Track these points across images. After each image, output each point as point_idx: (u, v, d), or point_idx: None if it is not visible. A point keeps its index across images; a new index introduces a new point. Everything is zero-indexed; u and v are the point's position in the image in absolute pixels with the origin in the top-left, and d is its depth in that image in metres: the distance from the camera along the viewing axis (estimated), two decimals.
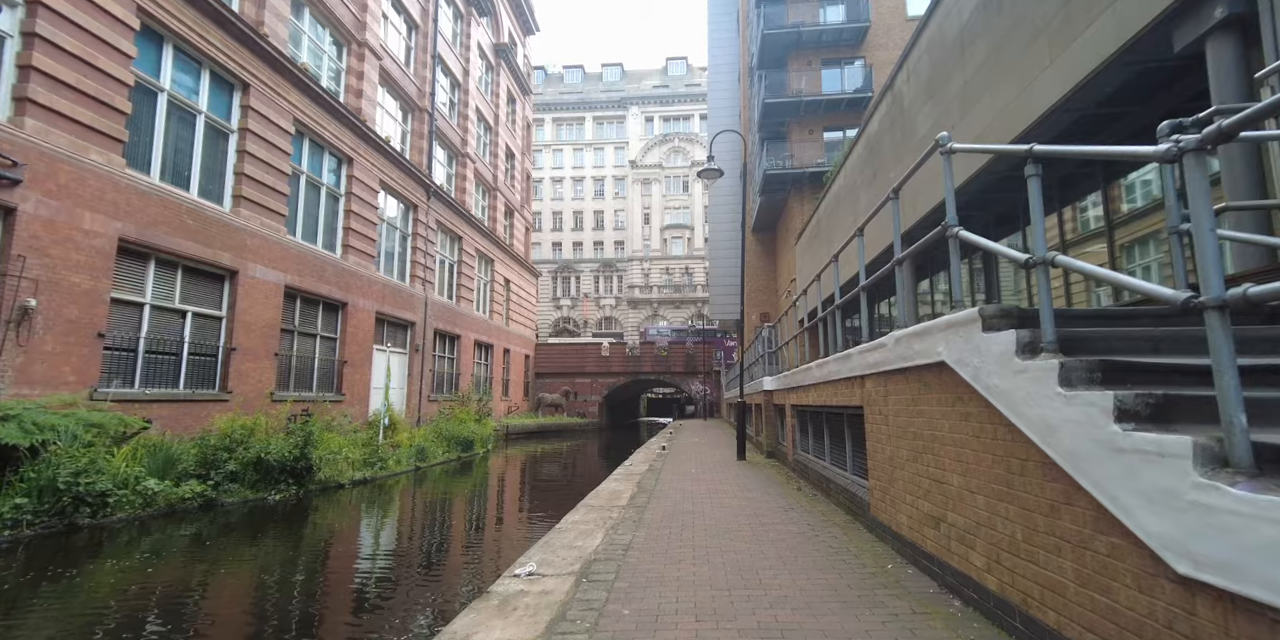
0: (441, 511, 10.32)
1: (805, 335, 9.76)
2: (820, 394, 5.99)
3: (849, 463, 5.38)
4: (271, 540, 7.92)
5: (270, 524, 8.82)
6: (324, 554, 7.42)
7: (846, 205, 13.68)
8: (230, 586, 6.05)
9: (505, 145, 31.61)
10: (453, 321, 23.80)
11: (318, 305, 15.54)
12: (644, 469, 9.30)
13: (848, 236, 7.61)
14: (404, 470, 14.33)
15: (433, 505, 10.74)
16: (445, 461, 16.66)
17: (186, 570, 6.39)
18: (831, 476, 5.86)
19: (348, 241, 16.82)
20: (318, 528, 8.74)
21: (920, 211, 7.81)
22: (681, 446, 14.30)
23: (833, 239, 15.01)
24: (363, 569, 6.84)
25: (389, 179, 19.14)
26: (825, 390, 5.82)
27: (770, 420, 10.20)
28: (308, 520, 9.18)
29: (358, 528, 8.91)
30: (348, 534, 8.55)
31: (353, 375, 16.69)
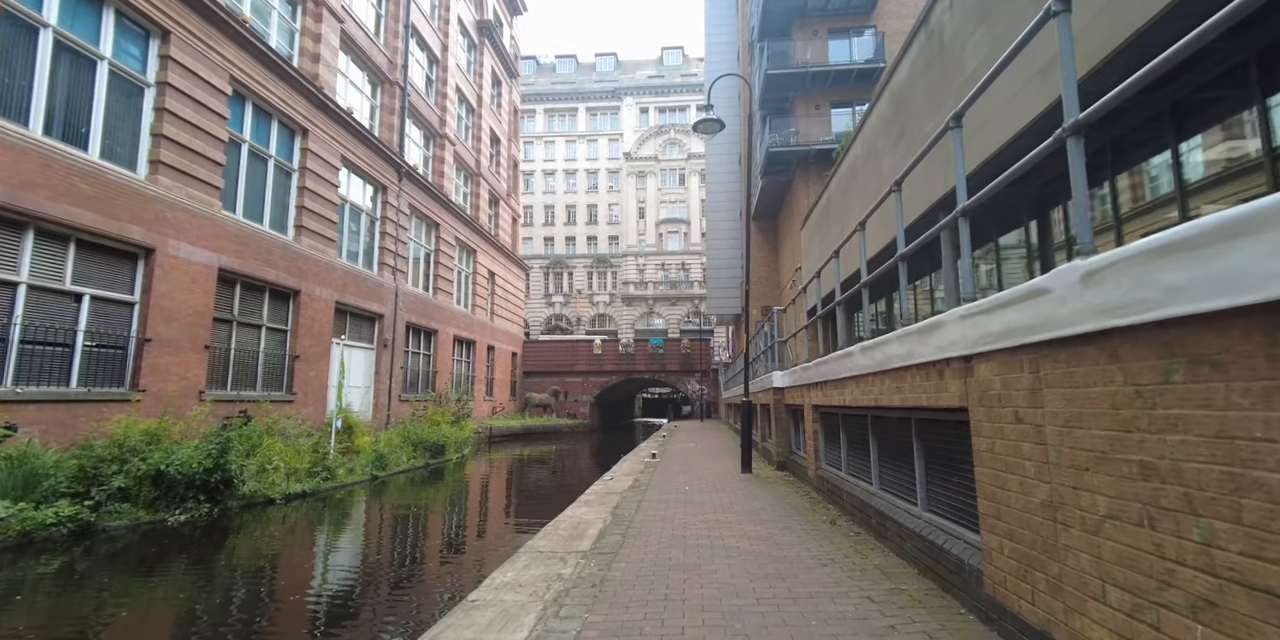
0: (372, 539, 8.47)
1: (818, 325, 7.99)
2: (865, 390, 4.24)
3: (922, 494, 3.58)
4: (138, 580, 6.09)
5: (159, 554, 7.00)
6: (190, 600, 5.60)
7: (866, 174, 11.90)
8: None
9: (490, 129, 29.78)
10: (428, 315, 21.96)
11: (263, 292, 13.69)
12: (626, 485, 7.50)
13: (868, 208, 6.24)
14: (356, 481, 12.50)
15: (366, 529, 8.88)
16: (410, 469, 14.84)
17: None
18: (885, 510, 4.07)
19: (301, 222, 14.98)
20: (209, 559, 6.91)
21: (989, 146, 6.02)
22: (675, 454, 12.49)
23: (848, 216, 13.26)
24: (232, 619, 5.02)
25: (353, 156, 17.30)
26: (874, 385, 4.07)
27: (781, 424, 8.45)
28: (206, 548, 7.35)
29: (258, 559, 7.07)
30: (240, 568, 6.72)
31: (307, 372, 14.85)
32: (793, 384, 7.60)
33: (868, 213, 6.41)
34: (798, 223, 19.53)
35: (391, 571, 6.59)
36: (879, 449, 4.49)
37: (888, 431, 4.22)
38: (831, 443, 5.81)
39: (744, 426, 8.32)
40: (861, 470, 4.83)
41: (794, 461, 7.86)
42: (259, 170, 13.90)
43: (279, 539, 7.87)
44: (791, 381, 7.70)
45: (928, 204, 8.30)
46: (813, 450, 6.26)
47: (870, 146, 11.49)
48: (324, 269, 15.68)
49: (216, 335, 12.23)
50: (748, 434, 8.22)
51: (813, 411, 6.23)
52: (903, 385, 3.47)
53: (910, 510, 3.73)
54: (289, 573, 6.69)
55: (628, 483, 7.75)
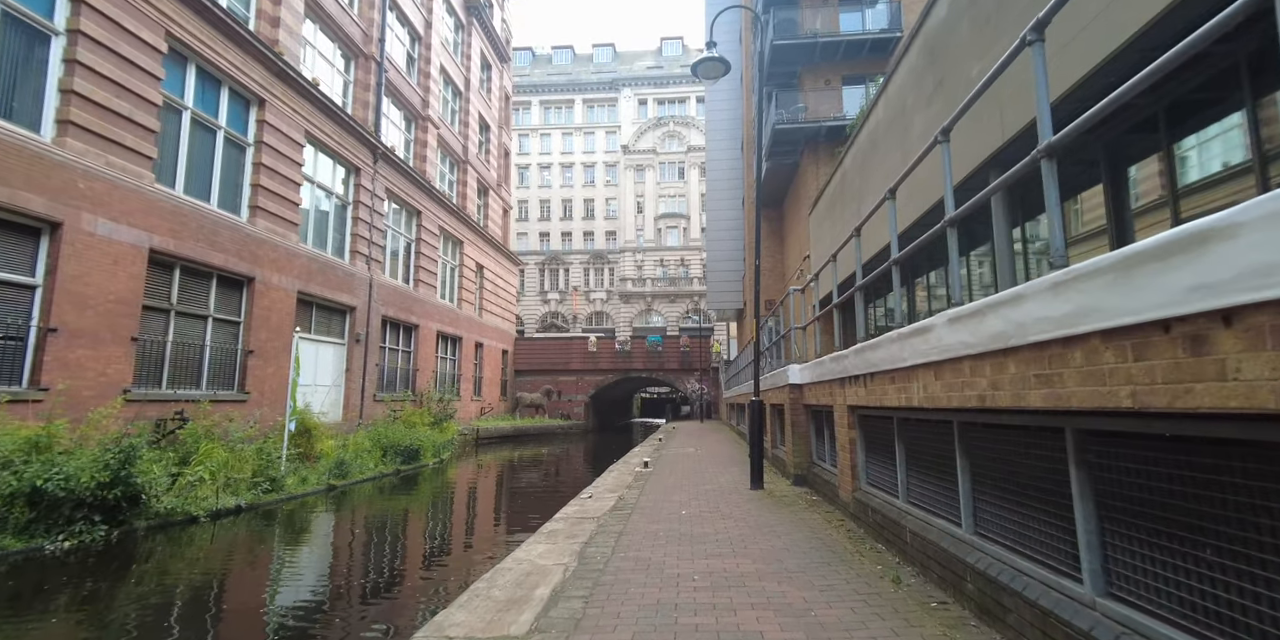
0: (282, 576, 6.87)
1: (833, 314, 6.49)
2: (956, 382, 2.70)
3: (1095, 564, 2.00)
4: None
5: (13, 596, 5.48)
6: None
7: (891, 141, 10.38)
8: None
9: (479, 115, 28.26)
10: (408, 308, 20.45)
11: (210, 279, 12.18)
12: (608, 506, 5.99)
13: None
14: (309, 491, 10.99)
15: (282, 560, 7.28)
16: (376, 477, 13.32)
17: None
18: (999, 577, 2.50)
19: (257, 202, 13.46)
20: (72, 602, 5.39)
21: (1080, 66, 4.50)
22: (671, 461, 10.97)
23: (865, 192, 11.76)
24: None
25: (320, 132, 15.78)
26: (980, 373, 2.52)
27: (800, 429, 6.93)
28: (77, 586, 5.83)
29: (137, 601, 5.55)
30: (105, 616, 5.20)
31: (263, 369, 13.34)
32: (816, 379, 6.10)
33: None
34: (805, 208, 18.04)
35: (283, 628, 5.07)
36: (974, 474, 2.96)
37: (997, 448, 2.70)
38: (880, 458, 4.30)
39: (754, 432, 6.82)
40: (940, 502, 3.28)
41: (818, 476, 6.34)
42: (205, 142, 12.38)
43: (175, 573, 6.34)
44: (814, 376, 6.20)
45: (976, 161, 6.81)
46: (848, 465, 4.76)
47: (897, 108, 9.97)
48: (284, 255, 14.17)
49: (149, 326, 10.72)
50: (758, 441, 6.71)
51: (848, 414, 4.74)
52: (1064, 369, 1.98)
53: (1068, 589, 2.19)
54: (158, 620, 5.17)
55: (610, 502, 6.24)
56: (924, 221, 8.27)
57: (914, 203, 8.34)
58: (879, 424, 4.37)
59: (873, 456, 4.56)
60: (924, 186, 7.80)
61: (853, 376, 4.61)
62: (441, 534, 8.30)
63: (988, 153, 6.75)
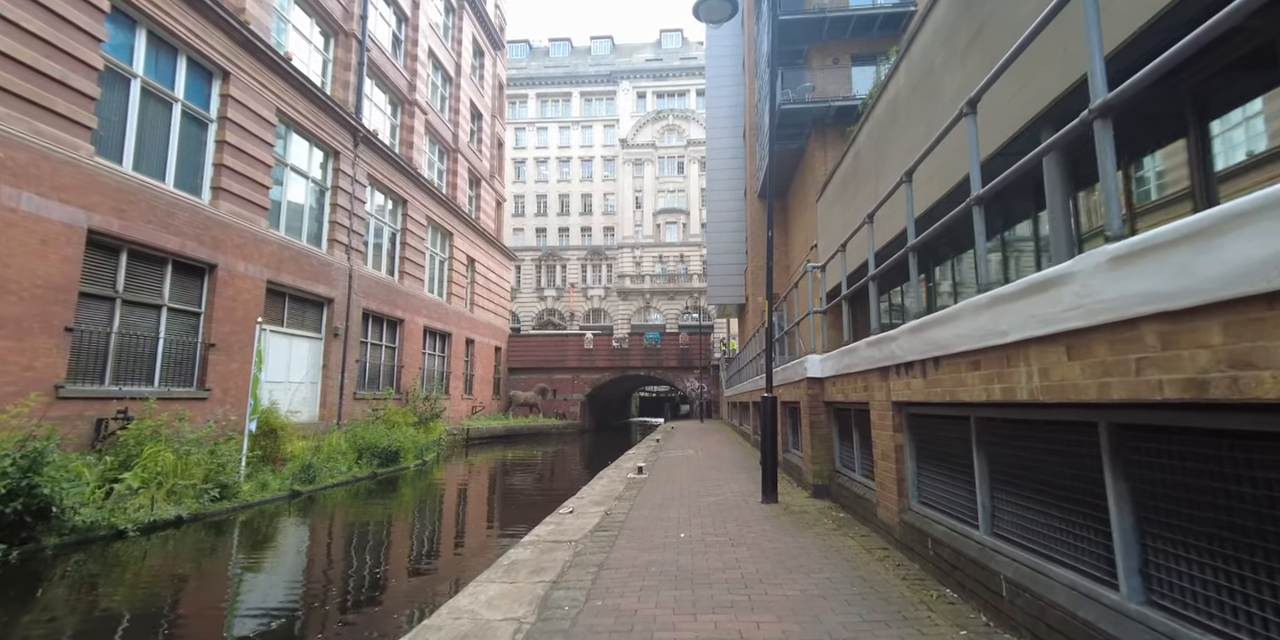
0: (203, 608, 5.82)
1: (843, 308, 5.44)
2: (1139, 358, 1.60)
3: None
4: None
5: None
6: None
7: (915, 109, 9.33)
8: None
9: (470, 102, 27.18)
10: (392, 302, 19.37)
11: (164, 265, 11.10)
12: (590, 524, 4.92)
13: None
14: (269, 498, 9.91)
15: (205, 587, 6.20)
16: (350, 481, 12.25)
17: None
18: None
19: (221, 183, 12.38)
20: None
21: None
22: (669, 466, 9.90)
23: (883, 170, 10.73)
24: None
25: (294, 112, 14.70)
26: (1221, 335, 1.42)
27: (820, 430, 5.83)
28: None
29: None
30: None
31: (226, 364, 12.27)
32: (842, 372, 5.03)
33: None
34: (812, 196, 16.97)
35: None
36: (1143, 506, 1.86)
37: (1197, 469, 1.63)
38: (942, 470, 3.22)
39: (766, 435, 5.73)
40: (1062, 543, 2.15)
41: (844, 488, 5.25)
42: (159, 115, 11.30)
43: (58, 604, 5.26)
44: (839, 368, 5.13)
45: (1019, 124, 5.74)
46: (893, 478, 3.70)
47: (921, 71, 8.90)
48: (251, 241, 13.09)
49: (89, 315, 9.65)
50: (771, 445, 5.61)
51: (894, 413, 3.68)
52: None
53: None
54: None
55: (593, 519, 5.16)
56: (954, 197, 7.23)
57: (945, 173, 7.29)
58: (943, 426, 3.31)
59: (930, 468, 3.49)
60: (953, 160, 6.75)
61: (902, 364, 3.55)
62: (401, 553, 7.22)
63: (1030, 115, 5.72)
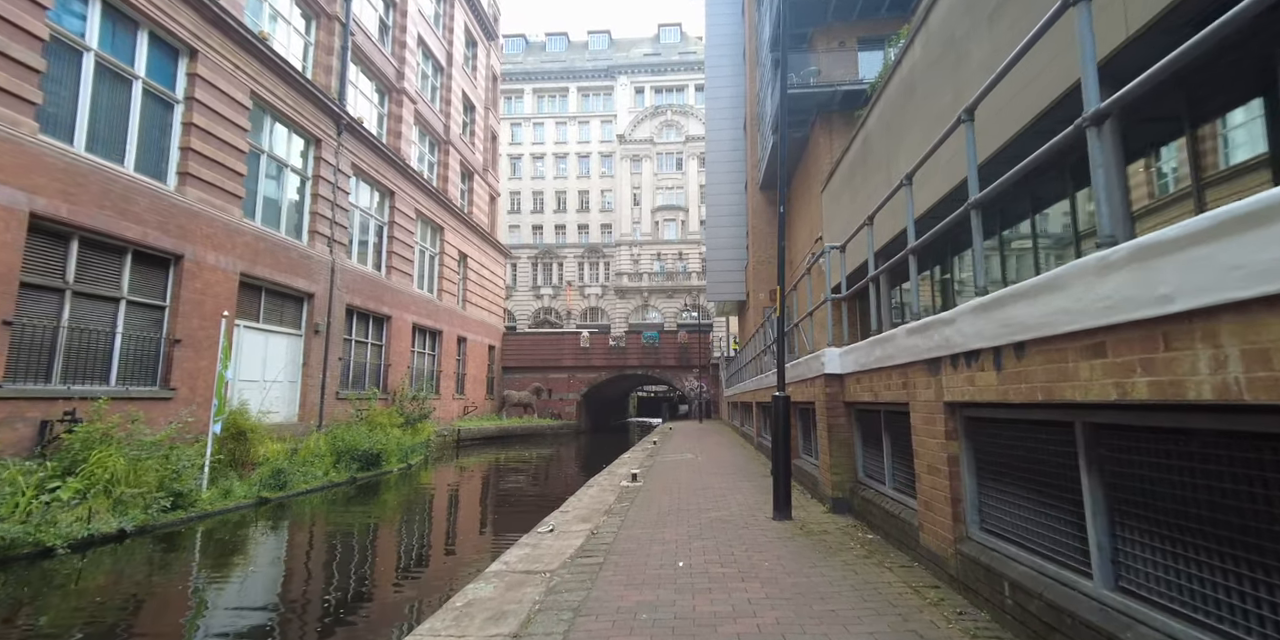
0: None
1: (875, 287, 4.68)
2: None
3: None
4: None
5: None
6: None
7: (932, 84, 8.59)
8: None
9: (462, 93, 26.37)
10: (378, 297, 18.56)
11: (122, 254, 10.31)
12: (571, 548, 4.13)
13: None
14: (233, 507, 9.11)
15: (123, 614, 5.38)
16: (326, 487, 11.45)
17: None
18: None
19: (188, 168, 11.58)
20: None
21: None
22: (666, 472, 9.11)
23: (895, 155, 10.01)
24: None
25: (271, 96, 13.90)
26: None
27: (841, 436, 5.01)
28: None
29: None
30: None
31: (194, 361, 11.47)
32: (870, 366, 4.23)
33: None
34: (817, 187, 16.20)
35: None
36: None
37: None
38: (1025, 492, 2.41)
39: (778, 442, 4.90)
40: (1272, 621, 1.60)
41: (871, 503, 4.44)
42: (118, 93, 10.50)
43: None
44: (866, 362, 4.33)
45: (1060, 90, 4.96)
46: (945, 498, 2.92)
47: (943, 41, 8.13)
48: (222, 231, 12.28)
49: (33, 308, 8.86)
50: (784, 453, 4.81)
51: (947, 417, 2.90)
52: None
53: None
54: None
55: (576, 540, 4.37)
56: (989, 172, 6.45)
57: (952, 166, 6.53)
58: (1023, 434, 2.52)
59: (998, 487, 2.70)
60: (998, 121, 5.97)
61: (962, 354, 2.77)
62: (354, 578, 6.38)
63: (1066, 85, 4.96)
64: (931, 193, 7.16)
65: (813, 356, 5.60)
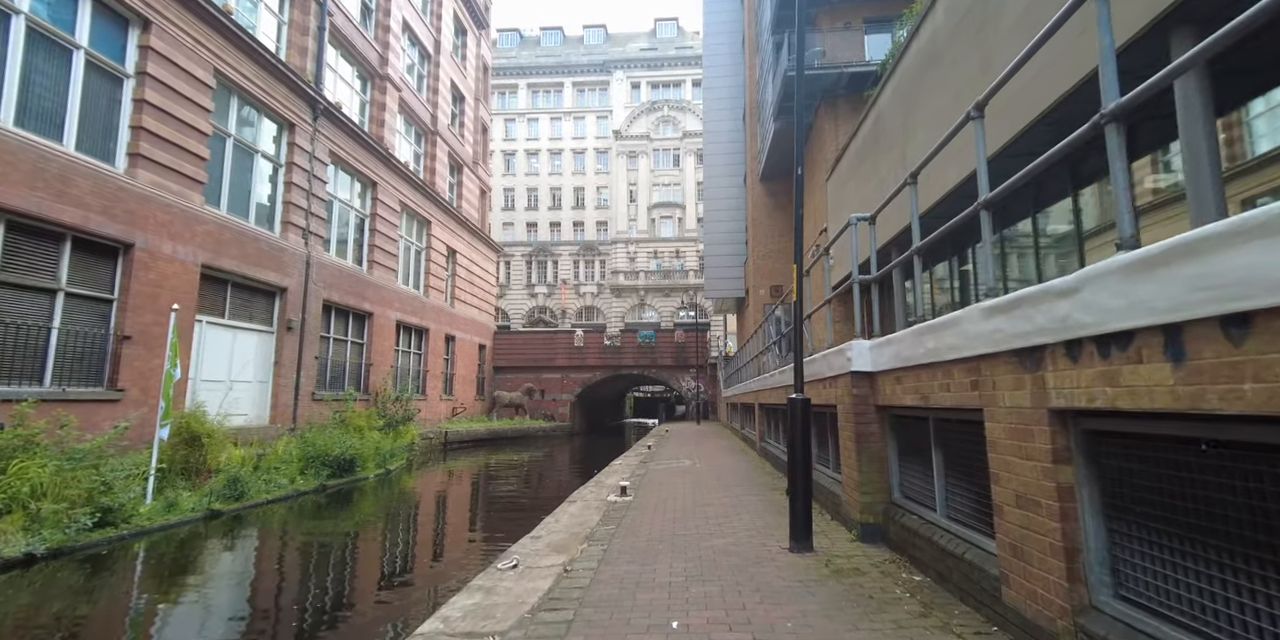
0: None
1: (918, 261, 3.77)
2: None
3: None
4: None
5: None
6: None
7: (962, 44, 7.66)
8: None
9: (451, 83, 25.41)
10: (359, 293, 17.59)
11: (60, 241, 9.35)
12: (536, 594, 3.22)
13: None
14: (177, 521, 8.14)
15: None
16: (292, 496, 10.50)
17: None
18: None
19: (139, 149, 10.61)
20: None
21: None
22: (660, 485, 8.15)
23: (913, 128, 9.12)
24: None
25: (237, 75, 12.94)
26: None
27: (872, 448, 4.04)
28: None
29: None
30: None
31: (147, 360, 10.51)
32: (919, 361, 3.27)
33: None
34: (821, 175, 15.29)
35: None
36: None
37: None
38: (1224, 557, 1.56)
39: (796, 456, 3.95)
40: None
41: (913, 533, 3.48)
42: (55, 64, 9.53)
43: None
44: (917, 355, 3.35)
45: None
46: (1053, 545, 1.99)
47: (968, 2, 7.20)
48: (181, 218, 11.32)
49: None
50: (805, 473, 3.85)
51: (1055, 430, 1.97)
52: None
53: None
54: None
55: (544, 582, 3.44)
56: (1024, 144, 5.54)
57: (1018, 112, 5.60)
58: (1216, 465, 1.60)
59: (1150, 538, 1.78)
60: (1034, 91, 5.06)
61: (1090, 339, 1.84)
62: (273, 622, 5.40)
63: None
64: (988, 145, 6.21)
65: (835, 351, 4.66)
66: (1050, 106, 4.89)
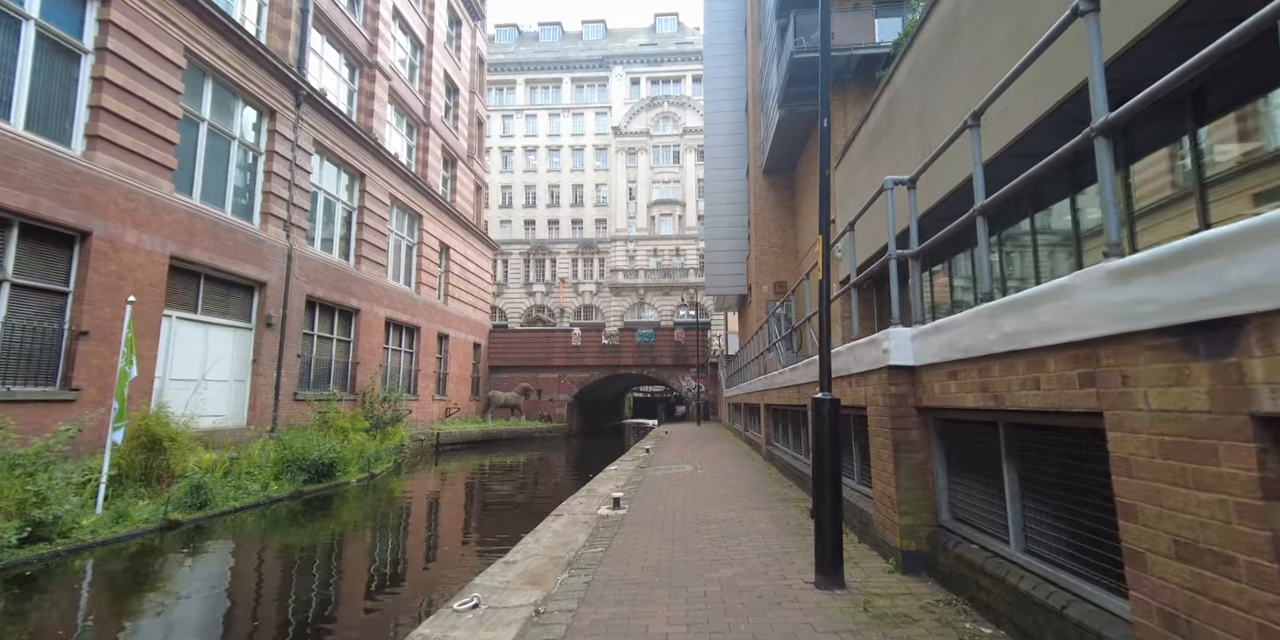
0: None
1: (983, 224, 3.01)
2: None
3: None
4: None
5: None
6: None
7: (989, 12, 6.92)
8: None
9: (444, 73, 24.66)
10: (345, 289, 16.83)
11: (4, 228, 8.61)
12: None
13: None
14: (125, 534, 7.38)
15: None
16: (263, 503, 9.74)
17: None
18: None
19: (98, 130, 9.88)
20: None
21: None
22: (658, 496, 7.39)
23: (935, 100, 8.42)
24: None
25: (211, 55, 12.20)
26: None
27: (914, 460, 3.26)
28: None
29: None
30: None
31: (107, 358, 9.77)
32: (985, 351, 2.53)
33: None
34: (830, 163, 14.51)
35: None
36: None
37: None
38: None
39: (824, 468, 3.20)
40: None
41: (970, 566, 2.73)
42: (2, 35, 8.77)
43: None
44: (983, 342, 2.59)
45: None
46: (1275, 625, 1.33)
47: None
48: (146, 205, 10.57)
49: None
50: (835, 489, 3.09)
51: (1272, 444, 1.32)
52: None
53: None
54: None
55: (506, 633, 2.69)
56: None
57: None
58: None
59: None
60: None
61: None
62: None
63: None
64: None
65: (866, 342, 3.90)
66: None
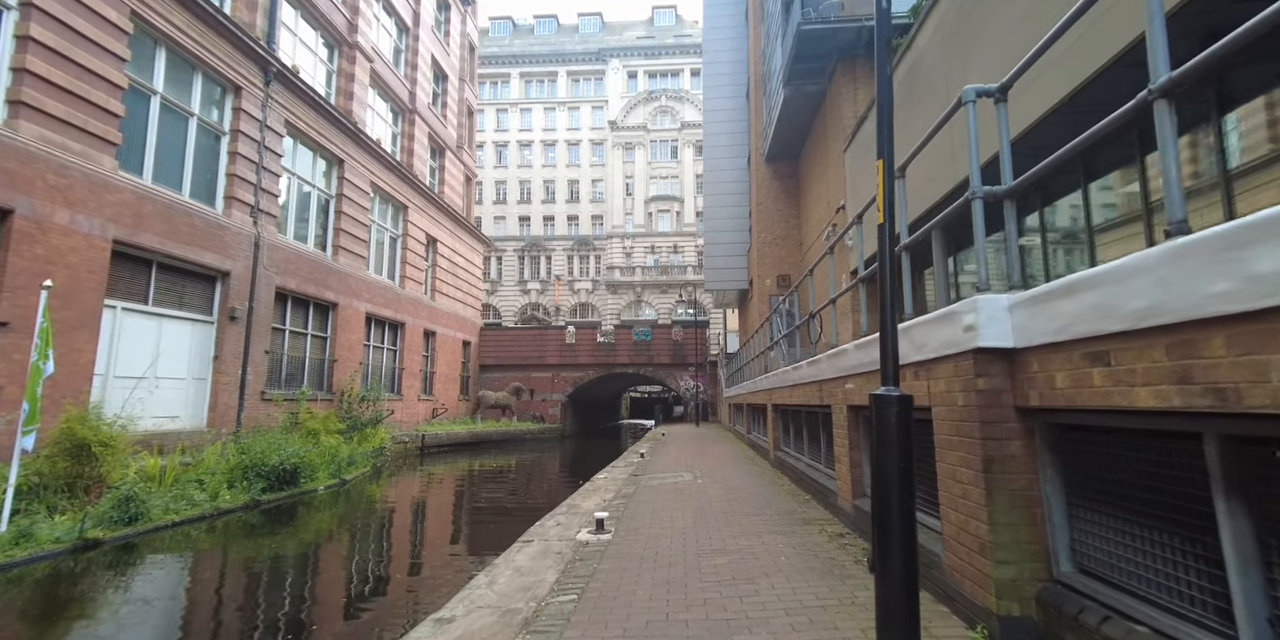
0: None
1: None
2: None
3: None
4: None
5: None
6: None
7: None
8: None
9: (432, 59, 23.58)
10: (320, 281, 15.74)
11: None
12: None
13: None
14: (30, 557, 6.30)
15: None
16: (209, 516, 8.66)
17: None
18: None
19: (20, 96, 8.80)
20: None
21: None
22: (651, 514, 6.31)
23: (964, 70, 7.34)
24: None
25: (163, 22, 11.13)
26: None
27: (1015, 484, 2.27)
28: None
29: None
30: None
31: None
32: (1191, 313, 1.56)
33: None
34: (838, 146, 13.50)
35: None
36: None
37: None
38: None
39: (890, 496, 2.10)
40: None
41: None
42: None
43: None
44: (1178, 301, 1.60)
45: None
46: None
47: None
48: (82, 183, 9.48)
49: None
50: (907, 524, 2.06)
51: None
52: None
53: None
54: None
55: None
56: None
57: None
58: None
59: None
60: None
61: None
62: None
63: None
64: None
65: (939, 316, 2.81)
66: None
